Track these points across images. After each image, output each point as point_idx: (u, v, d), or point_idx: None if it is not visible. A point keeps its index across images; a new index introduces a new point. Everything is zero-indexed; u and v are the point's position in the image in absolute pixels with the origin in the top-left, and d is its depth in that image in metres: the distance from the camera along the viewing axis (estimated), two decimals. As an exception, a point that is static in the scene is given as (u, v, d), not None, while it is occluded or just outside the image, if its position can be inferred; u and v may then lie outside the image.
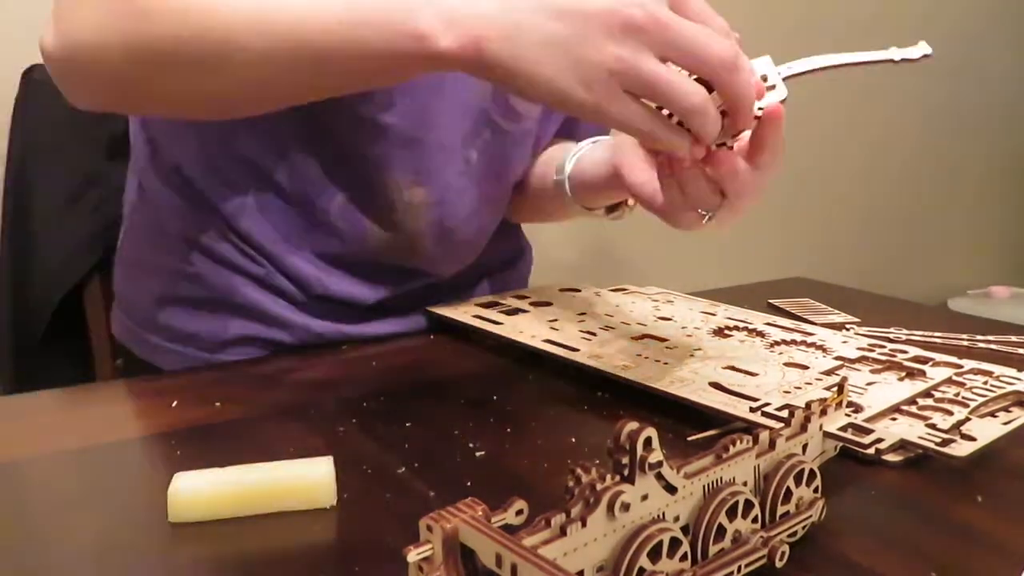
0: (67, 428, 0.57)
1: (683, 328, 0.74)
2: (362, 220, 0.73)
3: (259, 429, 0.55)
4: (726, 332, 0.73)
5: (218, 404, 0.59)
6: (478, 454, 0.51)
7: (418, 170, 0.72)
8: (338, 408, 0.59)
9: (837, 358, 0.65)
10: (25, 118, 0.95)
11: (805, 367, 0.63)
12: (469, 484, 0.47)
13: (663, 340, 0.70)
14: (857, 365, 0.64)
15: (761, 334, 0.73)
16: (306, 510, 0.44)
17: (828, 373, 0.62)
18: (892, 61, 0.53)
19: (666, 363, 0.64)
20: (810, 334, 0.73)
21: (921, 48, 0.53)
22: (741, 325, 0.75)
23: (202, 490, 0.43)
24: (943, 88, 2.40)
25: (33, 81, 0.95)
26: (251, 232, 0.73)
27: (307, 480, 0.45)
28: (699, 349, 0.68)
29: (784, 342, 0.70)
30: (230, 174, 0.72)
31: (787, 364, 0.64)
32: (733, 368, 0.62)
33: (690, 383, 0.59)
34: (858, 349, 0.67)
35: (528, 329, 0.73)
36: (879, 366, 0.63)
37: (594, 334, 0.72)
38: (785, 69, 0.53)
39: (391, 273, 0.77)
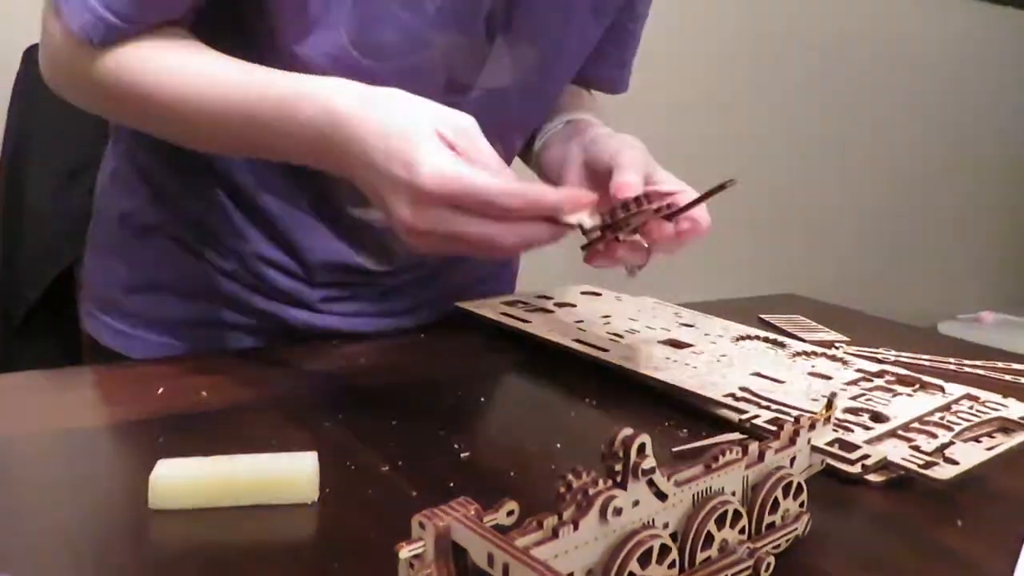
0: (50, 410, 0.56)
1: (706, 335, 0.76)
2: (320, 229, 0.73)
3: (244, 420, 0.55)
4: (748, 340, 0.75)
5: (204, 393, 0.59)
6: (463, 455, 0.51)
7: None
8: (324, 403, 0.58)
9: (858, 370, 0.67)
10: (23, 98, 0.94)
11: (829, 377, 0.65)
12: (452, 485, 0.47)
13: (689, 345, 0.71)
14: (876, 379, 0.65)
15: (782, 344, 0.74)
16: (288, 504, 0.44)
17: (851, 384, 0.63)
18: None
19: (695, 367, 0.65)
20: (829, 344, 0.74)
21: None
22: (762, 335, 0.77)
23: (184, 478, 0.43)
24: (937, 112, 2.43)
25: (33, 63, 0.94)
26: (220, 233, 0.73)
27: (290, 474, 0.44)
28: (724, 355, 0.69)
29: (805, 353, 0.72)
30: (199, 176, 0.72)
31: (811, 374, 0.66)
32: (759, 375, 0.64)
33: (720, 388, 0.60)
34: (879, 363, 0.69)
35: (556, 328, 0.74)
36: (893, 379, 0.65)
37: (621, 336, 0.73)
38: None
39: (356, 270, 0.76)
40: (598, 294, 0.89)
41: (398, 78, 0.55)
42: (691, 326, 0.78)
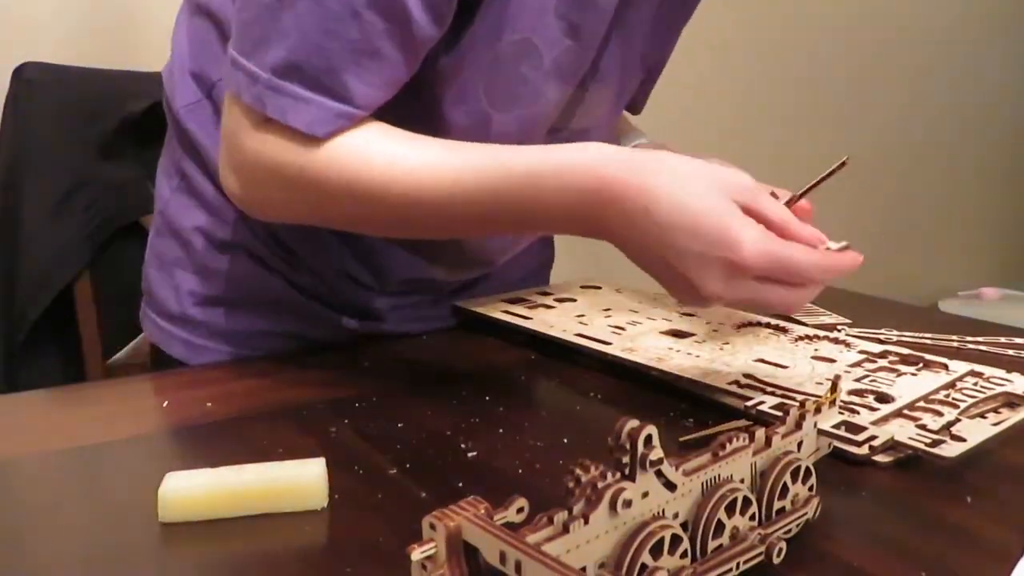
0: (57, 428, 0.56)
1: (708, 323, 0.76)
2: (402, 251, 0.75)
3: (251, 430, 0.55)
4: (750, 327, 0.75)
5: (209, 404, 0.59)
6: (470, 455, 0.51)
7: None
8: (330, 409, 0.58)
9: (861, 352, 0.67)
10: (15, 117, 0.94)
11: (832, 360, 0.65)
12: (461, 485, 0.47)
13: (691, 335, 0.71)
14: (879, 360, 0.65)
15: (784, 330, 0.74)
16: (298, 511, 0.44)
17: (855, 366, 0.64)
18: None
19: (697, 356, 0.65)
20: (831, 328, 0.75)
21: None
22: (764, 321, 0.77)
23: (193, 490, 0.43)
24: (935, 91, 2.43)
25: (23, 80, 0.94)
26: (298, 250, 0.74)
27: (299, 482, 0.44)
28: (727, 343, 0.69)
29: (807, 337, 0.72)
30: None
31: (814, 358, 0.66)
32: (763, 361, 0.64)
33: (725, 375, 0.60)
34: (876, 343, 0.70)
35: (557, 323, 0.74)
36: (896, 359, 0.65)
37: (623, 328, 0.73)
38: None
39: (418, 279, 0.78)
40: (598, 287, 0.89)
41: (517, 124, 0.62)
42: (692, 315, 0.79)
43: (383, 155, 0.57)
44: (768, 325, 0.75)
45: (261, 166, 0.59)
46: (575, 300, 0.83)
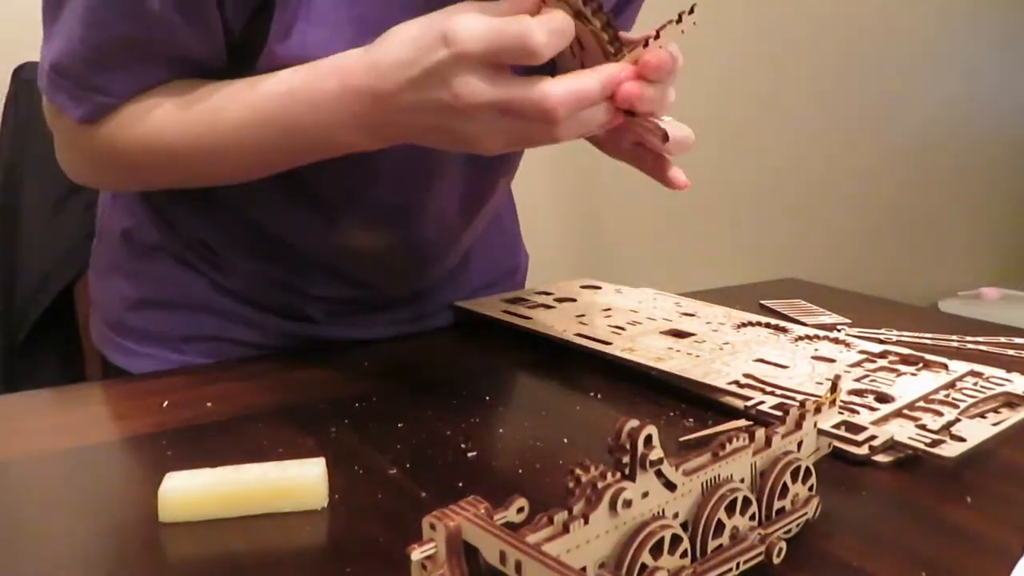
0: (57, 428, 0.56)
1: (708, 323, 0.76)
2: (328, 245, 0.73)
3: (251, 430, 0.55)
4: (750, 327, 0.75)
5: (209, 404, 0.59)
6: (470, 454, 0.51)
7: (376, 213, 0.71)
8: (330, 409, 0.58)
9: (861, 351, 0.67)
10: (15, 117, 0.94)
11: (832, 360, 0.65)
12: (461, 485, 0.47)
13: (691, 335, 0.71)
14: (879, 360, 0.65)
15: (784, 330, 0.74)
16: (298, 511, 0.44)
17: (855, 366, 0.64)
18: None
19: (697, 356, 0.65)
20: (831, 328, 0.75)
21: None
22: (763, 321, 0.77)
23: (193, 490, 0.43)
24: (935, 92, 2.43)
25: (22, 80, 0.94)
26: (221, 251, 0.73)
27: (299, 482, 0.44)
28: (727, 343, 0.69)
29: (807, 337, 0.72)
30: (203, 196, 0.72)
31: (815, 357, 0.66)
32: (763, 361, 0.64)
33: (724, 375, 0.60)
34: (876, 343, 0.70)
35: (557, 324, 0.74)
36: (896, 359, 0.65)
37: (623, 328, 0.73)
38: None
39: (362, 282, 0.76)
40: (598, 287, 0.89)
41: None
42: (692, 315, 0.79)
43: (170, 113, 0.59)
44: (768, 325, 0.75)
45: (71, 142, 0.64)
46: (575, 300, 0.83)
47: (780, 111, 2.11)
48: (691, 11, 0.47)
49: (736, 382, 0.59)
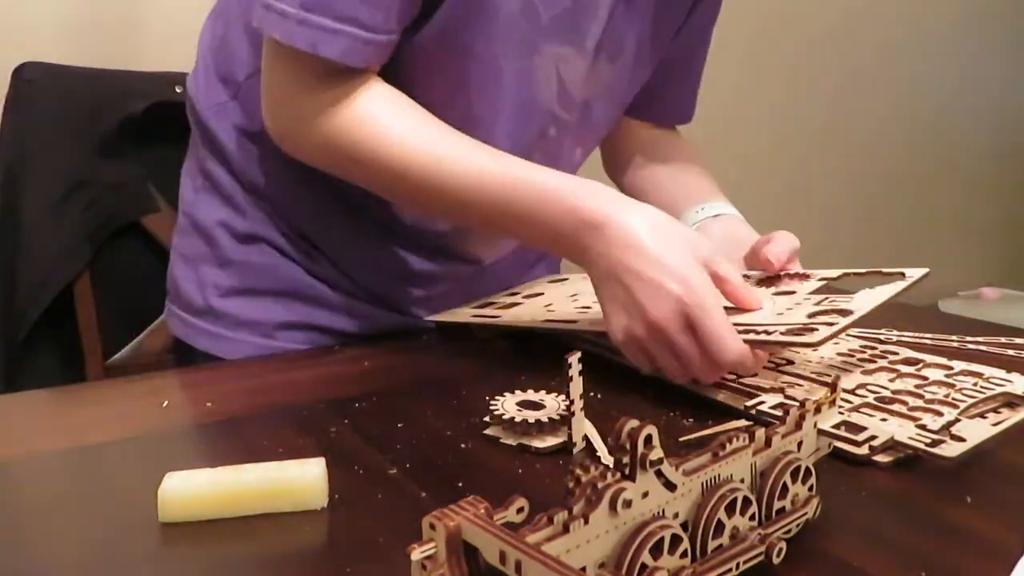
0: (57, 428, 0.56)
1: None
2: (427, 223, 0.78)
3: (251, 430, 0.55)
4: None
5: (209, 404, 0.59)
6: (470, 454, 0.51)
7: None
8: (329, 409, 0.58)
9: (821, 279, 0.68)
10: (16, 117, 0.94)
11: (792, 292, 0.66)
12: (461, 484, 0.47)
13: None
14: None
15: (745, 276, 0.73)
16: (297, 511, 0.44)
17: (815, 292, 0.65)
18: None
19: None
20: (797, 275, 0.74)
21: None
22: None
23: (193, 490, 0.43)
24: (936, 92, 2.43)
25: (23, 80, 0.94)
26: (319, 238, 0.77)
27: (299, 482, 0.44)
28: None
29: (767, 279, 0.71)
30: (306, 187, 0.75)
31: (776, 294, 0.66)
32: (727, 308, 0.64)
33: None
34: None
35: (526, 315, 0.74)
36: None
37: (589, 307, 0.73)
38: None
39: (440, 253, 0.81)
40: (565, 279, 0.90)
41: (518, 76, 0.67)
42: None
43: (406, 132, 0.65)
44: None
45: (290, 100, 0.66)
46: (542, 294, 0.84)
47: (779, 111, 2.11)
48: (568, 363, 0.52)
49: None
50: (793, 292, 0.66)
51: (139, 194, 0.99)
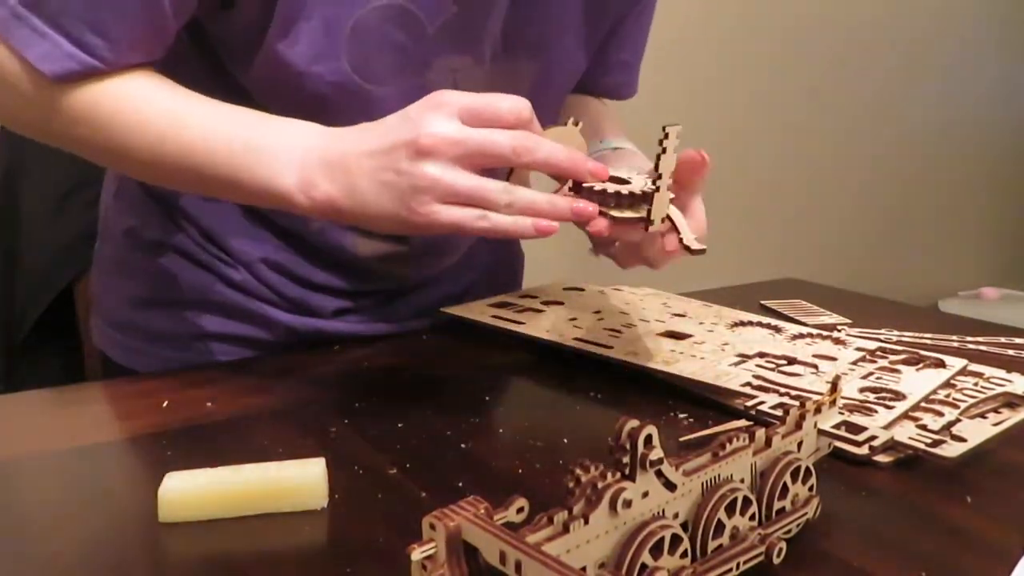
0: (57, 428, 0.56)
1: (701, 323, 0.75)
2: (343, 235, 0.73)
3: (251, 430, 0.55)
4: (744, 327, 0.75)
5: (209, 404, 0.59)
6: (470, 455, 0.51)
7: None
8: (330, 409, 0.58)
9: (858, 349, 0.67)
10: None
11: (834, 358, 0.65)
12: (461, 485, 0.47)
13: (688, 335, 0.71)
14: (877, 358, 0.65)
15: (779, 329, 0.74)
16: (298, 511, 0.44)
17: (855, 363, 0.64)
18: None
19: (703, 358, 0.64)
20: (832, 328, 0.75)
21: None
22: (756, 320, 0.76)
23: (193, 490, 0.43)
24: (935, 91, 2.43)
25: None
26: (228, 242, 0.73)
27: (299, 482, 0.44)
28: (726, 343, 0.69)
29: (801, 336, 0.71)
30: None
31: (816, 356, 0.65)
32: (764, 355, 0.65)
33: (735, 377, 0.60)
34: (874, 341, 0.70)
35: (553, 328, 0.73)
36: (897, 357, 0.65)
37: (619, 331, 0.72)
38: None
39: (369, 270, 0.77)
40: (581, 289, 0.88)
41: (405, 100, 0.55)
42: (683, 315, 0.78)
43: (138, 115, 0.58)
44: (762, 324, 0.75)
45: (16, 87, 0.58)
46: (562, 303, 0.82)
47: (779, 111, 2.11)
48: (665, 134, 0.50)
49: (748, 384, 0.59)
50: (835, 359, 0.65)
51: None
